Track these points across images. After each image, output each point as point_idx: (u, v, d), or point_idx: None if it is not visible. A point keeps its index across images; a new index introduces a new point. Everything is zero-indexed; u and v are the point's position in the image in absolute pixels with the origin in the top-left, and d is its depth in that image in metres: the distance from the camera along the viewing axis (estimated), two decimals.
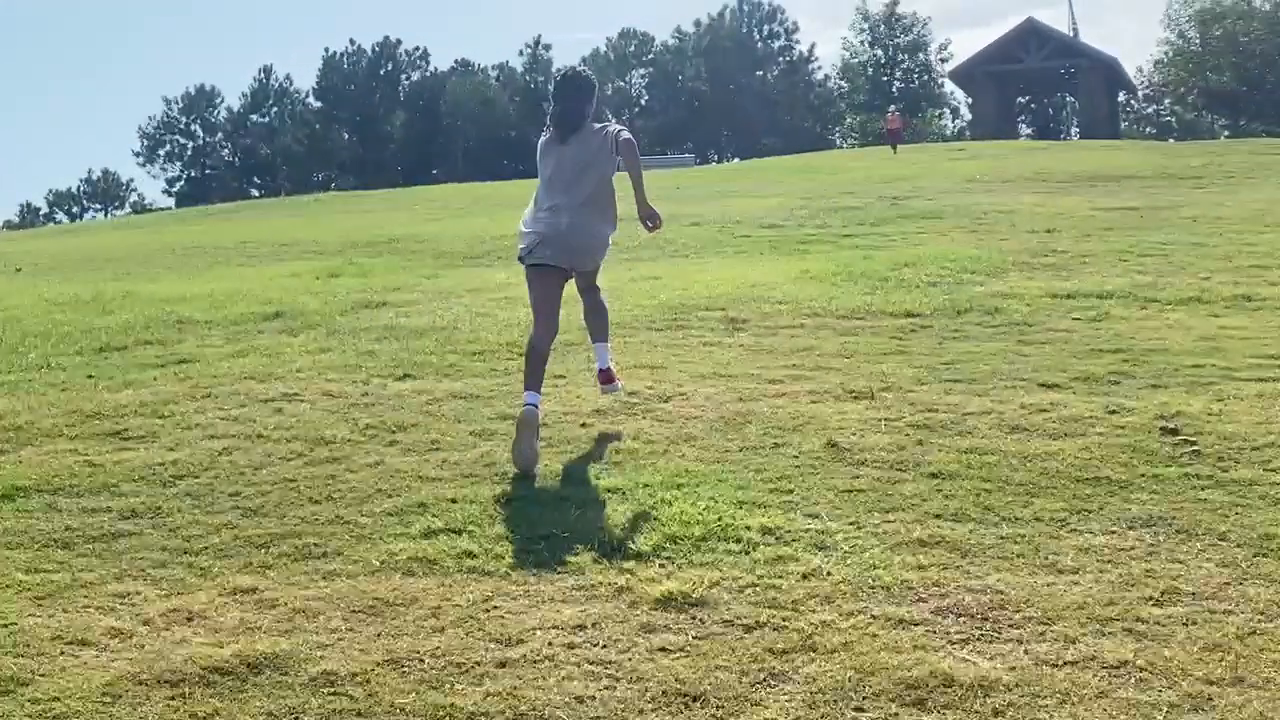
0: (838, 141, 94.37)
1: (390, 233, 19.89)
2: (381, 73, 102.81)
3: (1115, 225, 15.88)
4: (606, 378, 6.81)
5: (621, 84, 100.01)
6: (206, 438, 6.51)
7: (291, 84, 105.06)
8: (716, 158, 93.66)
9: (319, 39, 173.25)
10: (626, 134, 6.39)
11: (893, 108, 53.70)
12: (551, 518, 5.10)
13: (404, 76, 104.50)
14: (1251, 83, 78.83)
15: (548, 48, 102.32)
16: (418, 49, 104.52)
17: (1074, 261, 12.70)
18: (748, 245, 15.60)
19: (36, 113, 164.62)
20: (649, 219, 6.36)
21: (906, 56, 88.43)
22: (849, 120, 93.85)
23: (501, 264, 15.04)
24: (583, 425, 6.59)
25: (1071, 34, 63.84)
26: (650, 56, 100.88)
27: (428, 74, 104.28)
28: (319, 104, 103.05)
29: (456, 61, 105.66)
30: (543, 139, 6.69)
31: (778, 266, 13.09)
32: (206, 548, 4.92)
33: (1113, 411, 6.39)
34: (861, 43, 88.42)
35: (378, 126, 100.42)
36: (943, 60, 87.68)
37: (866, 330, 9.23)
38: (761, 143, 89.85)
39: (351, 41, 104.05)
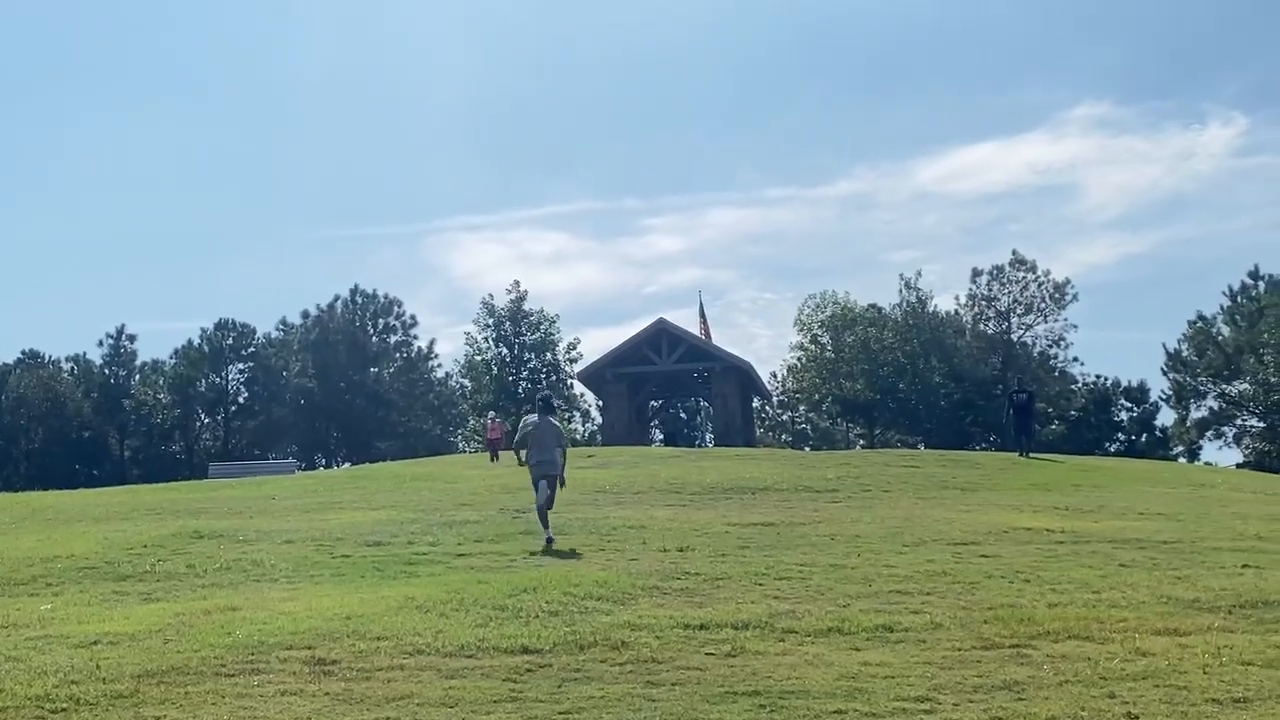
0: (460, 445, 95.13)
1: None
2: None
3: (751, 543, 16.24)
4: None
5: (217, 379, 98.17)
6: None
7: None
8: (325, 463, 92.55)
9: None
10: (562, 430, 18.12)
11: (492, 414, 54.01)
12: None
13: None
14: (884, 390, 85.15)
15: (132, 338, 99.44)
16: None
17: (708, 585, 12.80)
18: (347, 567, 15.03)
19: None
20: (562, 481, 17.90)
21: (533, 355, 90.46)
22: (472, 422, 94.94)
23: (49, 591, 13.91)
24: None
25: (705, 337, 67.10)
26: (251, 350, 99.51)
27: None
28: None
29: (23, 352, 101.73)
30: (531, 418, 17.72)
31: (379, 593, 12.63)
32: None
33: None
34: (486, 339, 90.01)
35: None
36: (571, 360, 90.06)
37: (475, 672, 8.88)
38: (375, 446, 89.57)
39: None
